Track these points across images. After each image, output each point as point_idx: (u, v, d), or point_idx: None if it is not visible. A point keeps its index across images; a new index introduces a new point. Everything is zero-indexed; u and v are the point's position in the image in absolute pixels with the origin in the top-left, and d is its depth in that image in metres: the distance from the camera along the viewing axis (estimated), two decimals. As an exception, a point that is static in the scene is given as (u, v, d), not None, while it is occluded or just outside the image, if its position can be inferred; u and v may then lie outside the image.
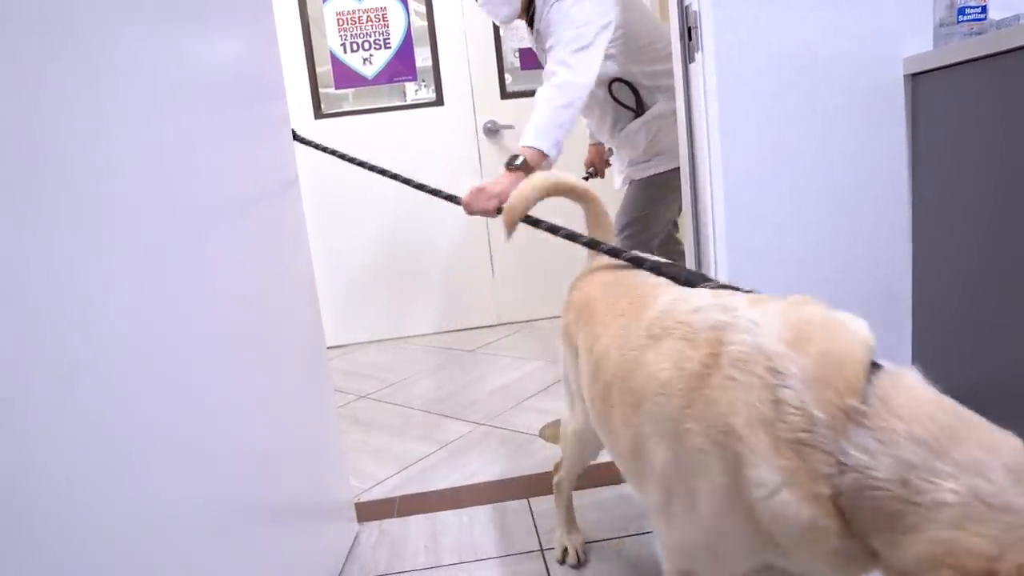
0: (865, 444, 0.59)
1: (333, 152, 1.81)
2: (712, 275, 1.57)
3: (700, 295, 0.88)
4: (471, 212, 1.67)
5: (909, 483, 0.56)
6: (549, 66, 1.82)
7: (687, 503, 0.76)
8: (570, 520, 1.39)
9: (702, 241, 1.61)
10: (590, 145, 2.60)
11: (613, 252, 1.20)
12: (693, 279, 0.98)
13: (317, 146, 1.82)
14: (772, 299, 0.82)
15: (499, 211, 1.61)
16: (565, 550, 1.35)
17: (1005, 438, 0.59)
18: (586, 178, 2.63)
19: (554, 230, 1.38)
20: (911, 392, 0.65)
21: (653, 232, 2.15)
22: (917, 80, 1.55)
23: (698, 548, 0.79)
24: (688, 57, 1.53)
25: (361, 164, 1.78)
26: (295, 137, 1.77)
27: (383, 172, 1.78)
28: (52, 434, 0.60)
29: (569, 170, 2.70)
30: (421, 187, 1.74)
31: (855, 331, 0.71)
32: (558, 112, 1.74)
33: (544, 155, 1.73)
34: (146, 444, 0.73)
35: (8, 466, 0.54)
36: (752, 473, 0.65)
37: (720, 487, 0.70)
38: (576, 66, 1.75)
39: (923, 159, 1.58)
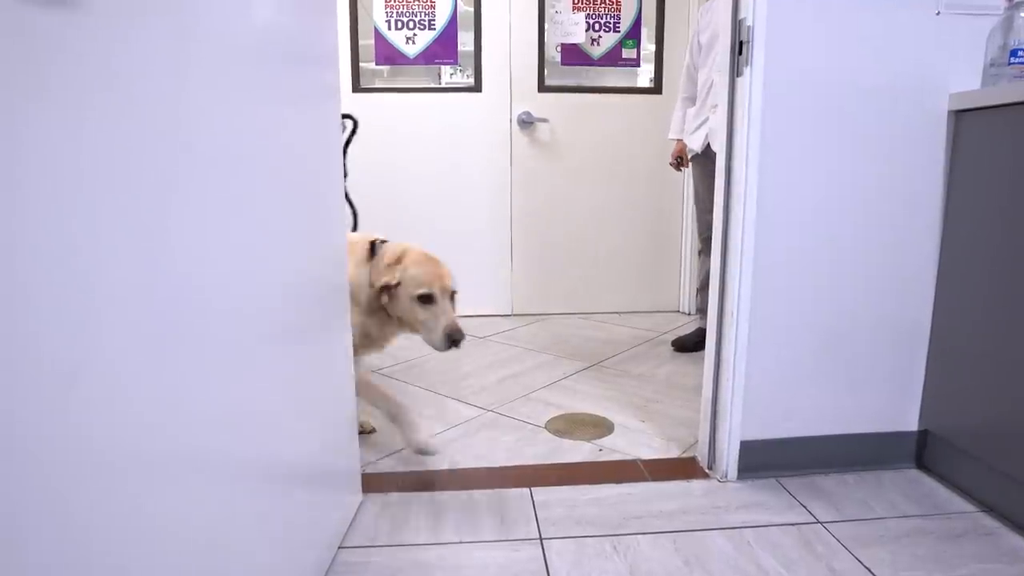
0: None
1: None
2: (736, 284, 1.60)
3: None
4: None
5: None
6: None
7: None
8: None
9: (730, 250, 1.63)
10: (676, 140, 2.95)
11: None
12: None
13: None
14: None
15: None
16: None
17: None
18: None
19: None
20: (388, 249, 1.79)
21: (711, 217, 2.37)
22: (961, 117, 1.56)
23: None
24: (736, 71, 1.54)
25: None
26: None
27: None
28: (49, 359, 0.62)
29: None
30: None
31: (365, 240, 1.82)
32: None
33: None
34: (153, 407, 0.72)
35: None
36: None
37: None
38: None
39: (958, 194, 1.59)
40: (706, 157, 2.65)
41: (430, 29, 3.27)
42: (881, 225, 1.63)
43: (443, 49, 3.32)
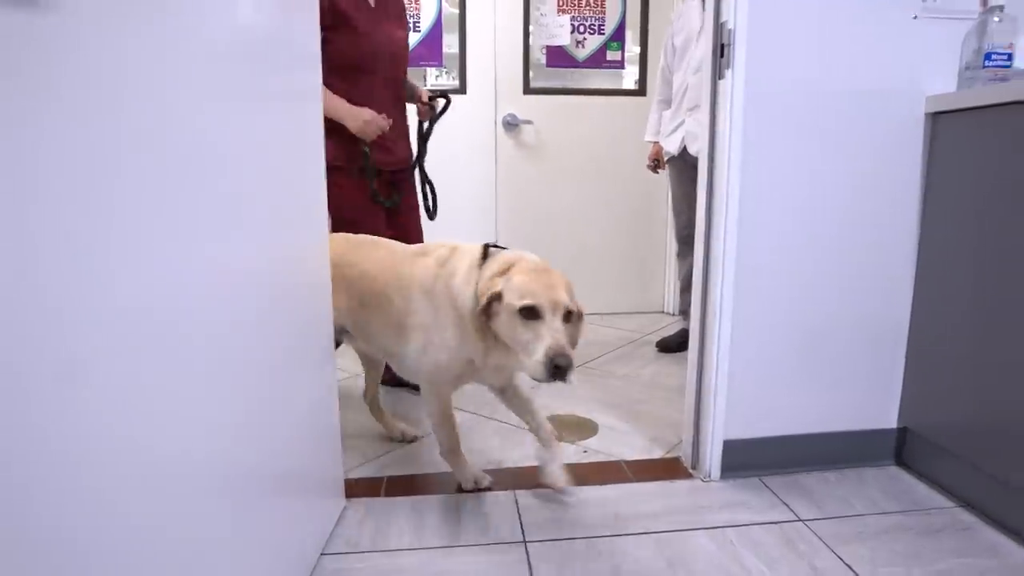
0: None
1: None
2: (718, 284, 1.61)
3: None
4: None
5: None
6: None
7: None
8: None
9: (712, 251, 1.63)
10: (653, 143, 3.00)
11: None
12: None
13: None
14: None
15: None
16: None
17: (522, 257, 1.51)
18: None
19: None
20: (501, 256, 1.53)
21: (686, 217, 2.63)
22: (937, 119, 1.58)
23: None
24: (718, 73, 1.55)
25: None
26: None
27: None
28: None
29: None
30: None
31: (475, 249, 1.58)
32: None
33: None
34: (133, 413, 0.72)
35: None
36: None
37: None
38: None
39: (935, 195, 1.61)
40: (682, 160, 2.66)
41: (415, 31, 3.26)
42: (862, 225, 1.64)
43: (428, 51, 3.31)
